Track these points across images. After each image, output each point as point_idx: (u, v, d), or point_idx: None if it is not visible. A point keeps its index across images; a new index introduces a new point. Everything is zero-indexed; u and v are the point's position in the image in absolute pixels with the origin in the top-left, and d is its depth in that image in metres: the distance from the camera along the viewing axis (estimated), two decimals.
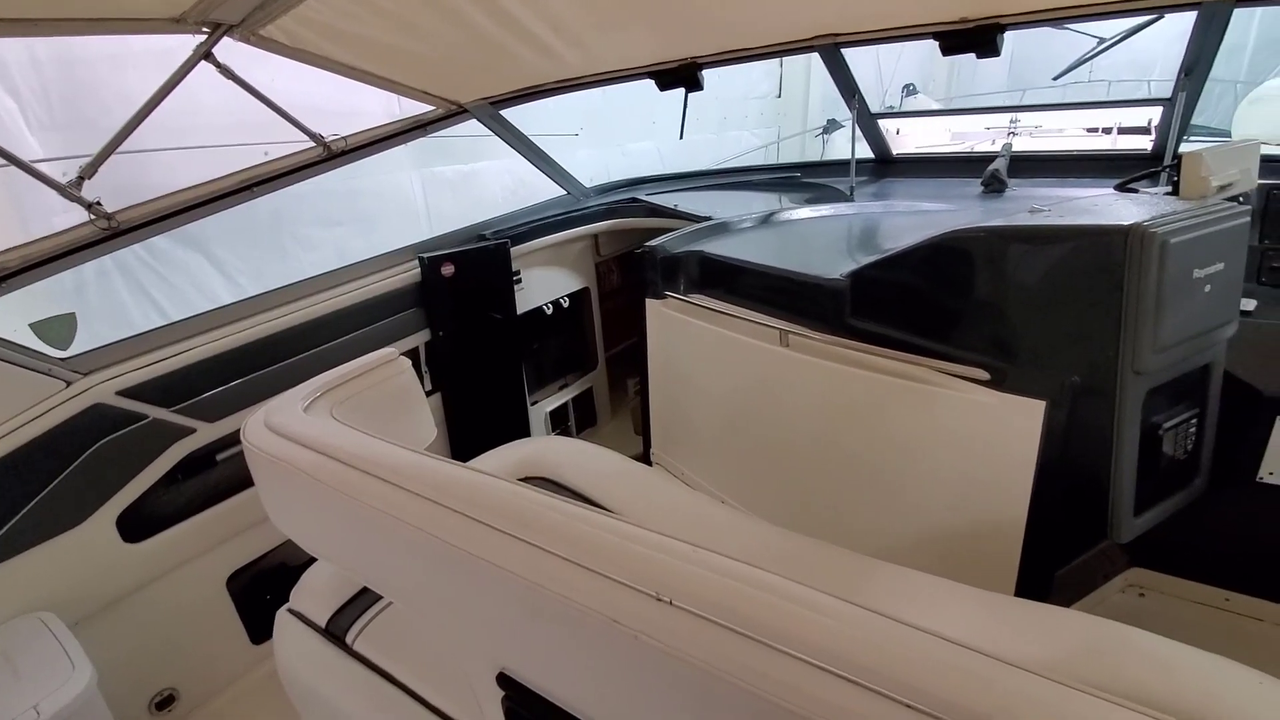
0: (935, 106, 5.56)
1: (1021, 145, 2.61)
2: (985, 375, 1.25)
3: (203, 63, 1.46)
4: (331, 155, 1.80)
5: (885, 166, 2.67)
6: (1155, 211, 1.12)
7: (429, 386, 2.07)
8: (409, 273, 1.96)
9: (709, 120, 5.24)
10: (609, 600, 0.59)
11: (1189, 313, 1.13)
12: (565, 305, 2.50)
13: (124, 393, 1.43)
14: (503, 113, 2.23)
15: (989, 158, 2.24)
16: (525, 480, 1.35)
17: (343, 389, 1.07)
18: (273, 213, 2.92)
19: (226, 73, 1.52)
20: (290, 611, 1.16)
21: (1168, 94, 1.91)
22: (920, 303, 1.35)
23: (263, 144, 2.17)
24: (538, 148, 2.40)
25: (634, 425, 2.71)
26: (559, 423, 2.59)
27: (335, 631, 1.06)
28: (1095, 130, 2.57)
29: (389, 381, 1.16)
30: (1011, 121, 2.50)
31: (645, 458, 2.20)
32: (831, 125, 5.31)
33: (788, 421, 1.62)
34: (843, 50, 2.11)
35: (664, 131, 4.72)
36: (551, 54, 1.83)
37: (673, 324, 1.88)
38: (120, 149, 1.45)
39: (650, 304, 1.94)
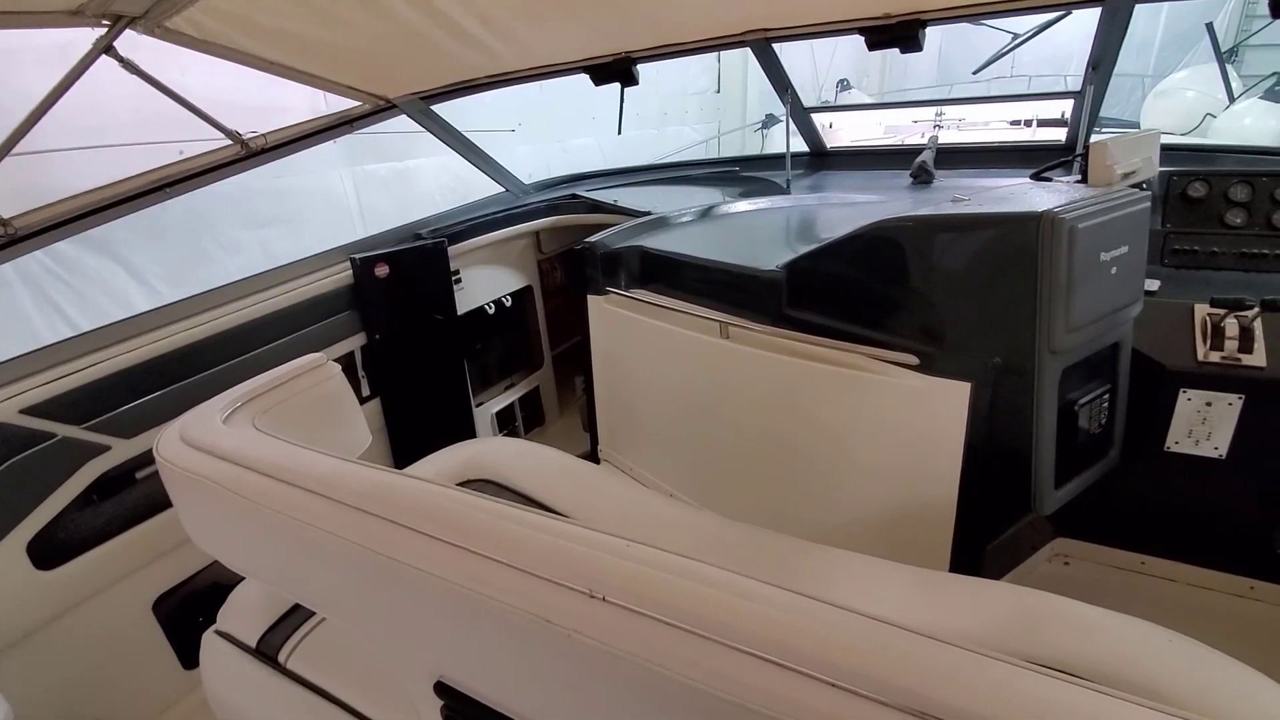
0: (868, 101, 5.72)
1: (950, 138, 2.72)
2: (914, 360, 1.30)
3: (106, 58, 1.37)
4: (251, 153, 1.72)
5: (820, 159, 2.73)
6: (1065, 199, 1.18)
7: (367, 391, 2.01)
8: (341, 275, 1.89)
9: (650, 116, 5.26)
10: (541, 600, 0.58)
11: (1098, 294, 1.19)
12: (508, 304, 2.46)
13: (28, 410, 1.34)
14: (435, 108, 2.17)
15: (918, 150, 2.32)
16: (466, 483, 1.33)
17: (266, 397, 1.02)
18: (190, 215, 2.77)
19: (130, 67, 1.43)
20: (218, 633, 1.10)
21: (1079, 88, 2.01)
22: (851, 292, 1.39)
23: (178, 142, 2.06)
24: (473, 144, 2.35)
25: (582, 423, 2.69)
26: (506, 423, 2.56)
27: (267, 651, 1.02)
28: (1018, 123, 2.70)
29: (317, 388, 1.11)
30: (937, 115, 2.59)
31: (593, 455, 2.19)
32: (770, 120, 5.39)
33: (730, 413, 1.64)
34: (775, 45, 2.14)
35: (604, 127, 4.71)
36: (482, 48, 1.79)
37: (614, 320, 1.88)
38: (17, 150, 1.35)
39: (592, 300, 1.93)
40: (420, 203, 3.23)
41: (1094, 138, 1.96)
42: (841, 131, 3.07)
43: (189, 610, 1.64)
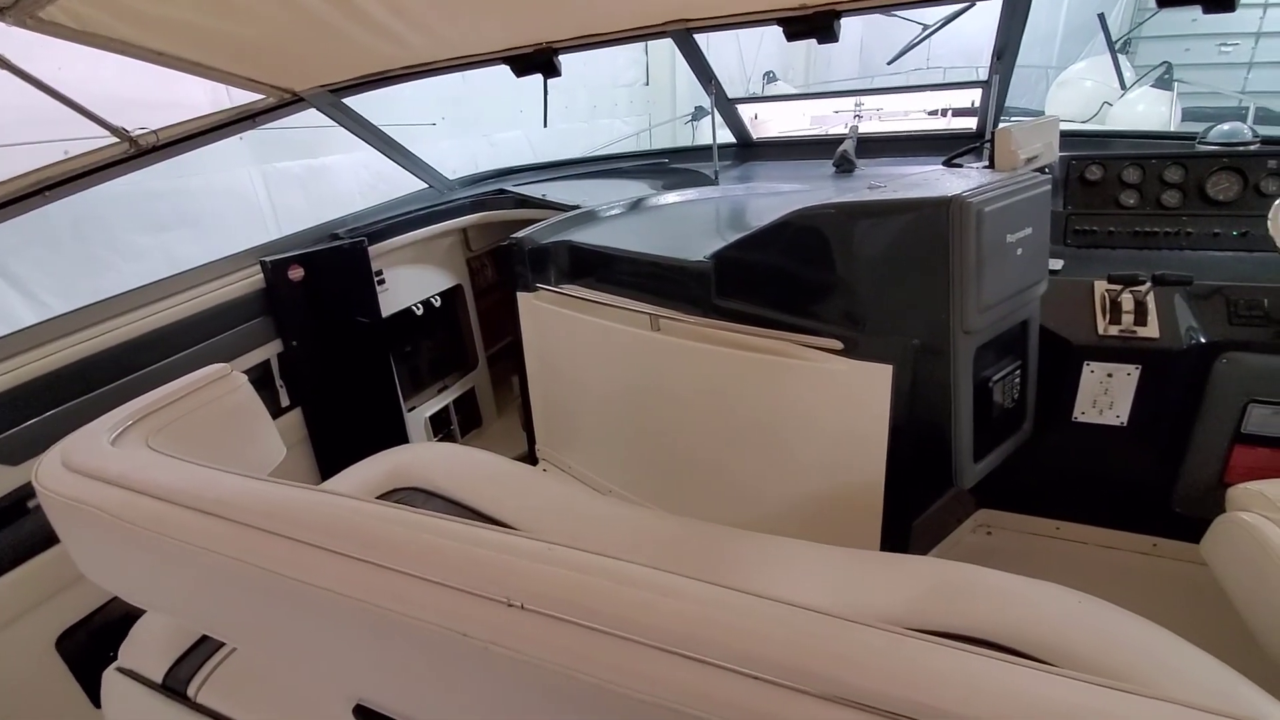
0: (792, 92, 5.84)
1: (872, 128, 2.80)
2: (839, 345, 1.32)
3: None
4: (141, 151, 1.60)
5: (747, 150, 2.76)
6: (973, 183, 1.22)
7: (286, 401, 1.91)
8: (251, 279, 1.79)
9: (579, 109, 5.20)
10: (458, 612, 0.56)
11: (1005, 274, 1.24)
12: (437, 304, 2.39)
13: None
14: (348, 101, 2.08)
15: (841, 140, 2.37)
16: (393, 492, 1.28)
17: (161, 414, 0.95)
18: (82, 220, 2.56)
19: (2, 63, 1.30)
20: (120, 670, 1.02)
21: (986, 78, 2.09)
22: (776, 279, 1.40)
23: (63, 141, 1.90)
24: (390, 139, 2.26)
25: (521, 423, 2.65)
26: (441, 427, 2.49)
27: (174, 686, 0.95)
28: (935, 113, 2.80)
29: (221, 400, 1.04)
30: (856, 105, 2.66)
31: (531, 456, 2.16)
32: (699, 112, 5.43)
33: (663, 406, 1.64)
34: (700, 36, 2.14)
35: (532, 120, 4.63)
36: (394, 38, 1.72)
37: (545, 316, 1.85)
38: None
39: (522, 297, 1.89)
40: (338, 202, 3.08)
41: (1003, 125, 2.06)
42: (769, 123, 3.12)
43: (98, 646, 1.52)
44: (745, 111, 2.72)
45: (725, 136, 2.75)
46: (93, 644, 1.52)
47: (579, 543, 0.61)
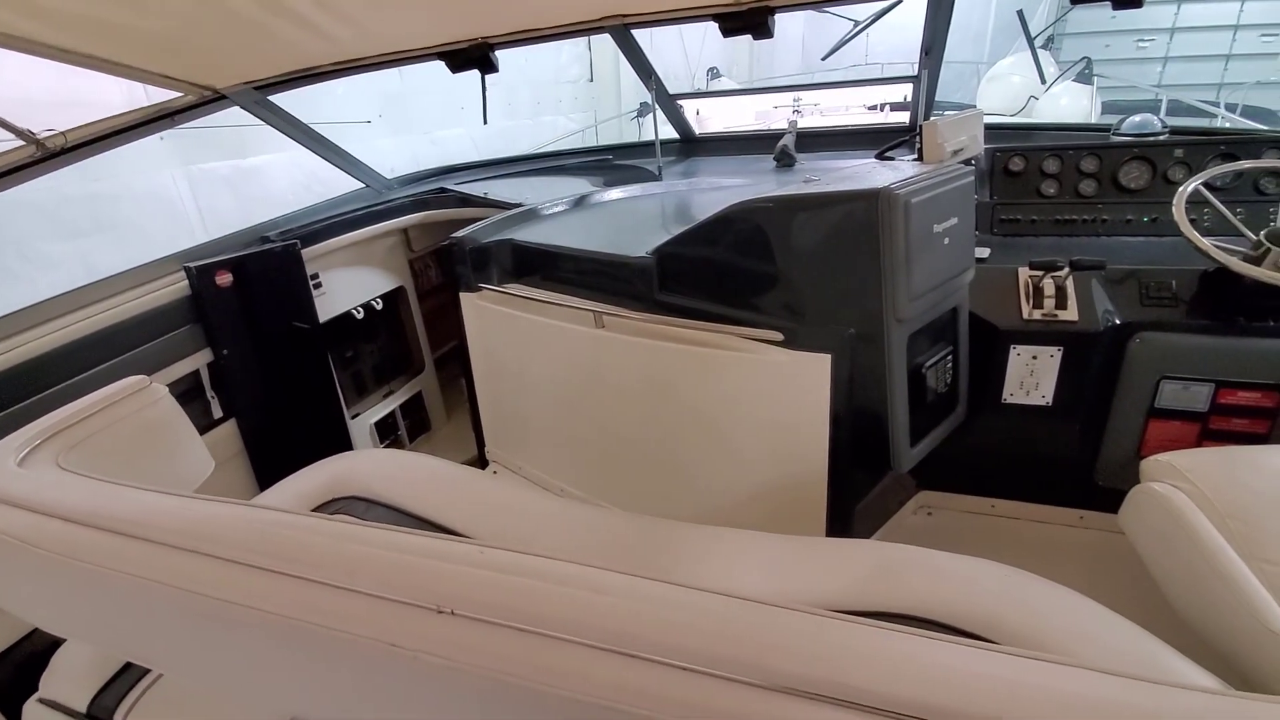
0: (735, 88, 5.90)
1: (814, 122, 2.85)
2: (779, 336, 1.34)
3: None
4: (48, 154, 1.50)
5: (691, 146, 2.78)
6: (902, 176, 1.26)
7: (219, 413, 1.83)
8: (175, 286, 1.70)
9: (522, 106, 5.13)
10: (387, 623, 0.55)
11: (934, 263, 1.28)
12: (378, 307, 2.33)
13: None
14: (275, 98, 2.00)
15: (781, 135, 2.41)
16: (332, 502, 1.24)
17: (73, 431, 0.90)
18: None
19: None
20: (41, 701, 0.97)
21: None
22: (717, 273, 1.42)
23: None
24: (322, 137, 2.19)
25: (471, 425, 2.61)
26: (388, 433, 2.43)
27: (99, 715, 0.91)
28: (874, 108, 2.87)
29: (139, 414, 1.00)
30: (795, 100, 2.71)
31: (481, 458, 2.13)
32: (645, 108, 5.43)
33: (610, 402, 1.64)
34: (642, 32, 2.14)
35: (475, 118, 4.55)
36: (320, 33, 1.66)
37: (490, 316, 1.82)
38: None
39: (465, 298, 1.86)
40: (270, 203, 2.96)
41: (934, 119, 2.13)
42: (714, 118, 3.15)
43: (22, 679, 1.43)
44: (688, 107, 2.74)
45: (671, 133, 2.77)
46: (17, 678, 1.43)
47: (524, 544, 0.60)
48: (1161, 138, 1.81)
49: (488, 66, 2.01)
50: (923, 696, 0.45)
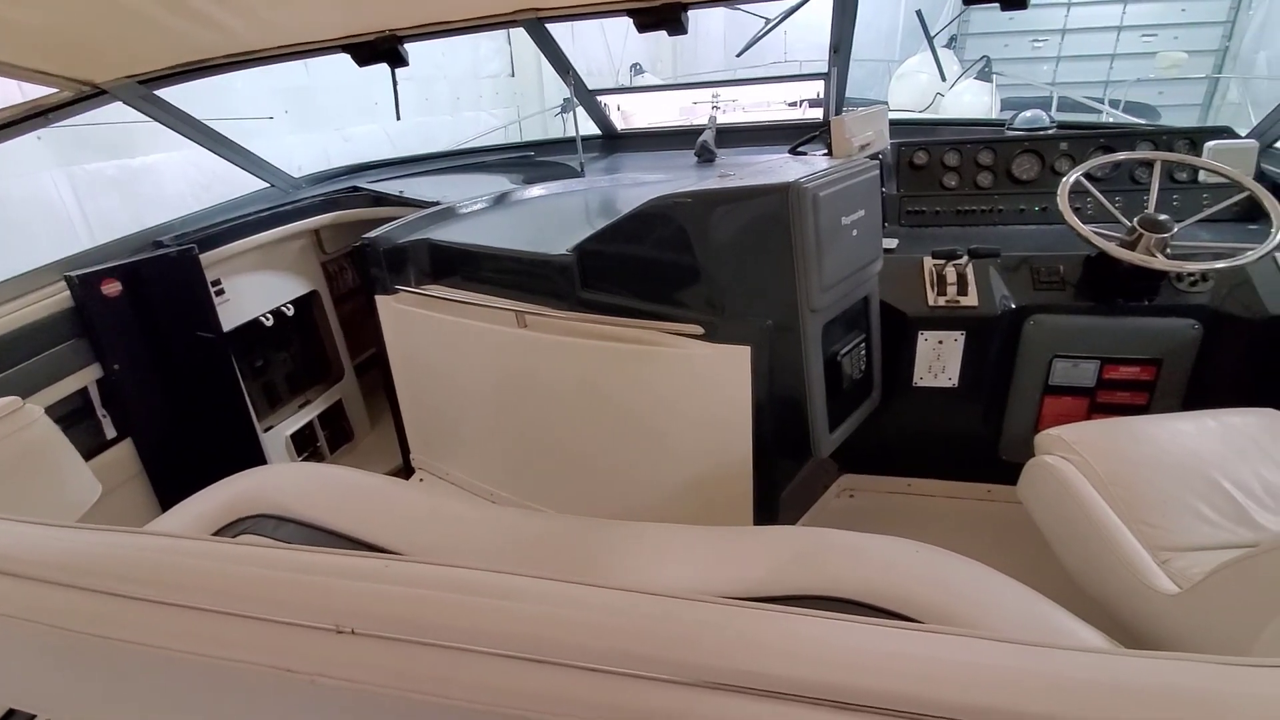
0: (658, 84, 5.94)
1: (736, 118, 2.90)
2: (700, 330, 1.36)
3: None
4: None
5: (614, 142, 2.77)
6: (811, 170, 1.29)
7: (113, 432, 1.70)
8: (55, 297, 1.57)
9: (440, 101, 4.97)
10: (281, 648, 0.52)
11: (843, 254, 1.33)
12: (289, 313, 2.22)
13: None
14: (163, 93, 1.87)
15: (702, 130, 2.44)
16: (239, 521, 1.18)
17: None
18: None
19: None
20: None
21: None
22: (637, 269, 1.42)
23: None
24: (218, 134, 2.06)
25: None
26: (306, 445, 2.32)
27: None
28: (794, 104, 2.95)
29: (10, 439, 0.91)
30: (714, 97, 2.74)
31: (408, 466, 2.07)
32: (568, 104, 5.39)
33: (536, 402, 1.62)
34: (564, 28, 2.11)
35: (390, 113, 4.38)
36: (211, 24, 1.56)
37: (408, 319, 1.76)
38: None
39: (381, 301, 1.80)
40: (166, 206, 2.75)
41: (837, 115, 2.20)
42: (639, 114, 3.15)
43: None
44: (610, 103, 2.73)
45: (592, 128, 2.76)
46: None
47: (447, 553, 0.59)
48: (1049, 132, 1.93)
49: (397, 60, 1.94)
50: (822, 677, 0.46)
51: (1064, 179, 1.55)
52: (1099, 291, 1.56)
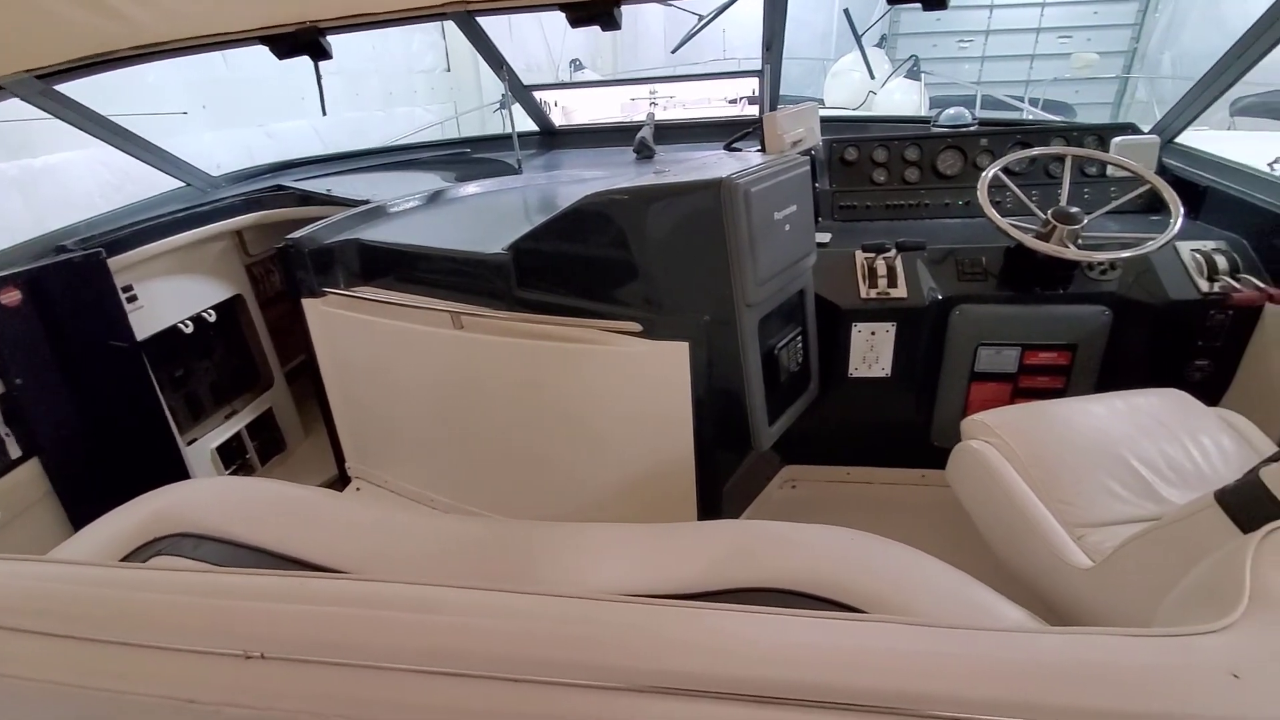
0: (597, 79, 5.91)
1: (676, 115, 2.90)
2: (638, 327, 1.36)
3: None
4: None
5: (552, 139, 2.75)
6: (744, 165, 1.30)
7: (18, 452, 1.58)
8: None
9: (372, 96, 4.79)
10: (183, 677, 0.49)
11: (777, 248, 1.35)
12: (211, 319, 2.11)
13: None
14: (63, 88, 1.75)
15: (640, 127, 2.43)
16: (155, 542, 1.11)
17: None
18: None
19: None
20: None
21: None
22: (573, 267, 1.41)
23: None
24: (125, 131, 1.94)
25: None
26: (235, 457, 2.21)
27: None
28: (734, 101, 2.98)
29: None
30: (651, 93, 2.75)
31: (344, 476, 2.00)
32: (507, 99, 5.30)
33: (475, 404, 1.59)
34: (500, 22, 2.07)
35: (318, 108, 4.20)
36: (112, 13, 1.46)
37: (338, 323, 1.70)
38: None
39: (308, 304, 1.73)
40: (74, 208, 2.56)
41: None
42: (580, 111, 3.12)
43: None
44: (549, 99, 2.70)
45: (529, 124, 2.72)
46: None
47: (382, 565, 0.56)
48: (970, 129, 2.01)
49: (319, 53, 1.86)
50: (745, 672, 0.46)
51: (983, 174, 1.61)
52: (1018, 281, 1.63)
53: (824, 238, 1.73)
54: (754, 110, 2.58)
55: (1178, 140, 1.89)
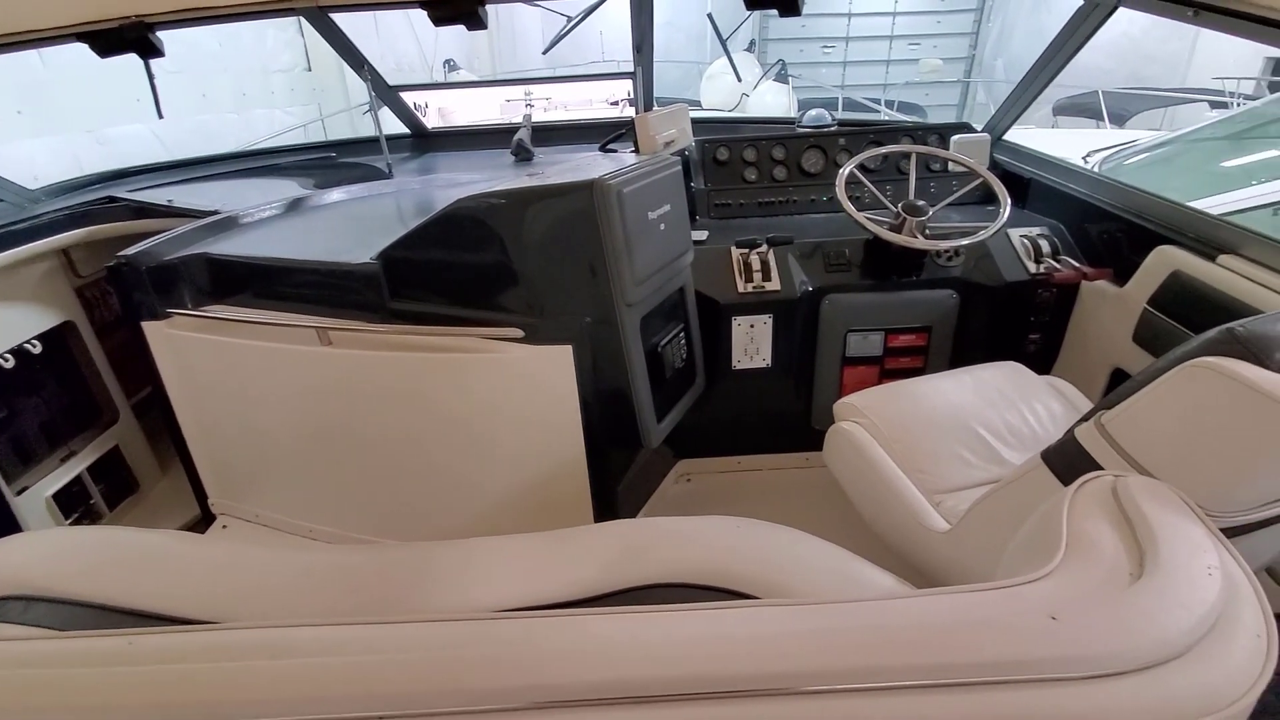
0: (470, 80, 5.77)
1: (556, 116, 2.88)
2: (520, 333, 1.33)
3: None
4: None
5: (426, 141, 2.65)
6: (618, 166, 1.31)
7: None
8: None
9: (222, 97, 4.38)
10: None
11: (653, 247, 1.37)
12: (35, 350, 1.85)
13: None
14: None
15: (517, 129, 2.39)
16: None
17: None
18: None
19: None
20: None
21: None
22: (448, 274, 1.36)
23: None
24: None
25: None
26: (76, 504, 1.96)
27: None
28: (616, 103, 2.99)
29: None
30: (526, 95, 2.71)
31: (207, 514, 1.82)
32: (374, 101, 5.05)
33: (350, 425, 1.50)
34: (365, 20, 1.96)
35: (166, 111, 3.81)
36: None
37: (186, 346, 1.55)
38: None
39: (150, 327, 1.56)
40: None
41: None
42: (459, 112, 3.02)
43: None
44: (422, 100, 2.59)
45: (406, 128, 2.60)
46: None
47: (244, 609, 0.51)
48: (830, 129, 2.13)
49: (149, 50, 1.69)
50: (620, 675, 0.46)
51: (840, 171, 1.72)
52: (878, 270, 1.75)
53: (701, 235, 1.78)
54: (632, 111, 2.62)
55: (1006, 137, 2.10)
